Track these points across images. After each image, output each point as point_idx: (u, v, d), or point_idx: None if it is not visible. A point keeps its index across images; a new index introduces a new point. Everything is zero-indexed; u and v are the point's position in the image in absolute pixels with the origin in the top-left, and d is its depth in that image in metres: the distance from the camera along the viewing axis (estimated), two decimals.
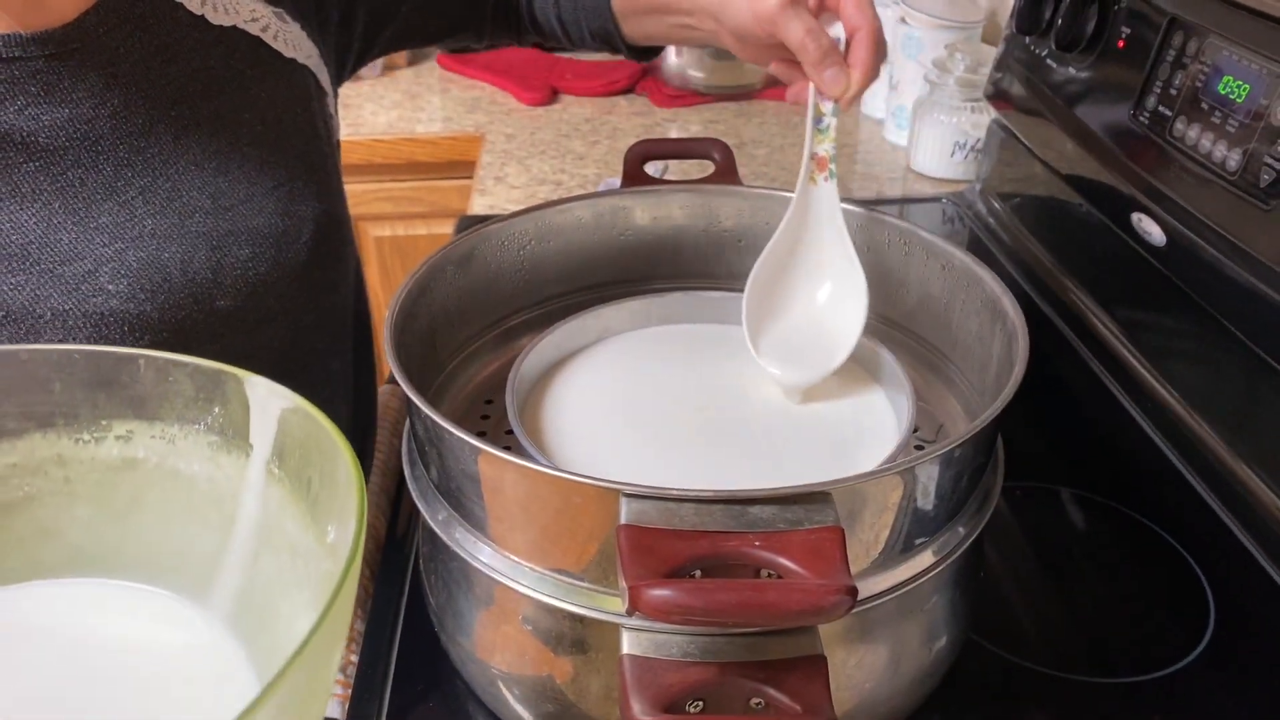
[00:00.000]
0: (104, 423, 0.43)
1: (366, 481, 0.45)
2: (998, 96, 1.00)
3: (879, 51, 0.59)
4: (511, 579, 0.47)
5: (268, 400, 0.41)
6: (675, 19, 0.77)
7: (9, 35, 0.59)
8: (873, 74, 0.59)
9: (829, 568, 0.38)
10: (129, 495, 0.44)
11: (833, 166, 0.60)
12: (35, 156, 0.60)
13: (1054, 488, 0.71)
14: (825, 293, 0.61)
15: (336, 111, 0.79)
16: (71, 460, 0.43)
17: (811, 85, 0.60)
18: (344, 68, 0.80)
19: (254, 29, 0.69)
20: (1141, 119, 0.75)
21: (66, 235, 0.61)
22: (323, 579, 0.37)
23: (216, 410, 0.42)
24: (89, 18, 0.61)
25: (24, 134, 0.60)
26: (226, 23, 0.67)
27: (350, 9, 0.78)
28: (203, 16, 0.66)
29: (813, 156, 0.60)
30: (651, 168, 0.72)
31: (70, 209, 0.61)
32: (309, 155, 0.71)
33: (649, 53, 0.88)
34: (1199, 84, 0.70)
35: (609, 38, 0.84)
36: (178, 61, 0.65)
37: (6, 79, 0.59)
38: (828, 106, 0.60)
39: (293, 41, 0.71)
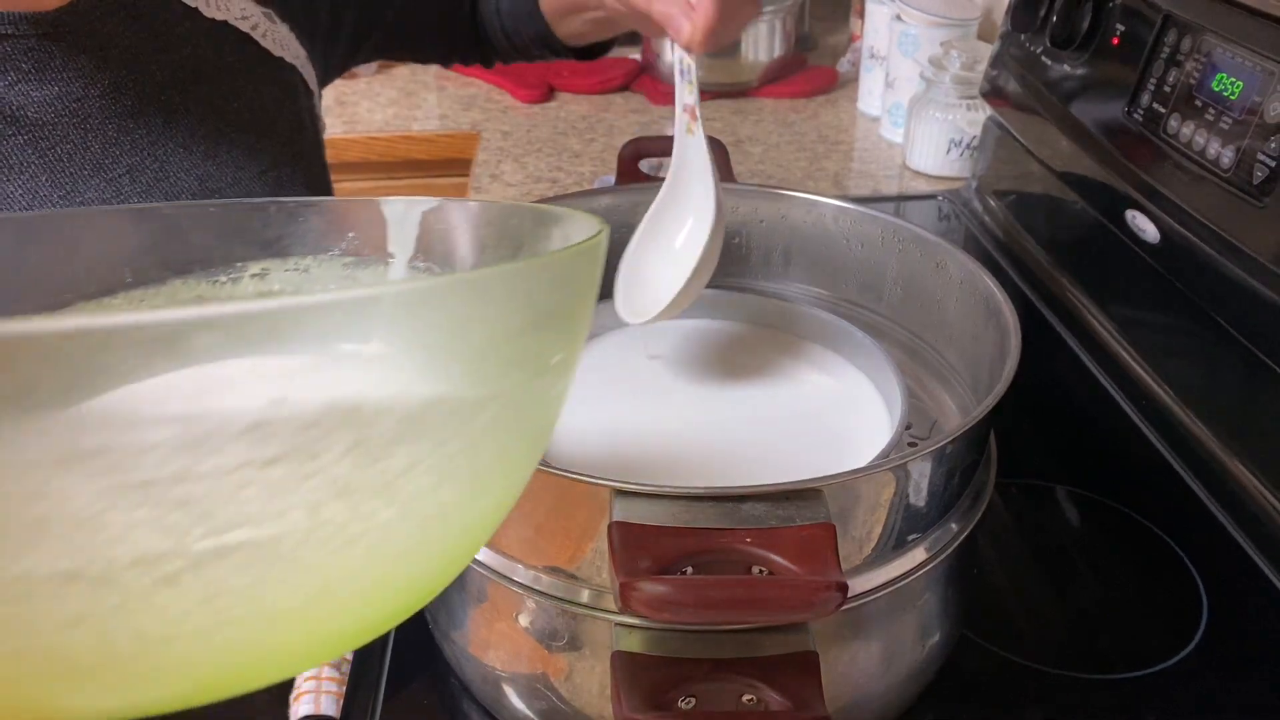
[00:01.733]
0: (239, 264, 0.44)
1: None
2: (993, 94, 1.00)
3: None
4: (504, 576, 0.47)
5: (406, 213, 0.42)
6: (588, 14, 0.81)
7: (1, 14, 0.59)
8: (712, 18, 0.56)
9: (820, 564, 0.38)
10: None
11: (700, 117, 0.61)
12: (24, 130, 0.60)
13: (1048, 484, 0.71)
14: (681, 241, 0.62)
15: (321, 114, 0.80)
16: (211, 299, 0.45)
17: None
18: (329, 71, 0.81)
19: (244, 26, 0.69)
20: (1136, 116, 0.75)
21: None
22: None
23: (350, 235, 0.43)
24: (83, 2, 0.61)
25: (13, 108, 0.60)
26: (219, 17, 0.67)
27: (338, 14, 0.79)
28: (195, 9, 0.66)
29: (685, 108, 0.60)
30: (646, 165, 0.72)
31: (56, 183, 0.61)
32: (296, 144, 0.72)
33: (591, 51, 0.90)
34: (1193, 81, 0.70)
35: (548, 41, 0.87)
36: (169, 50, 0.65)
37: None
38: (691, 57, 0.59)
39: (281, 41, 0.72)
